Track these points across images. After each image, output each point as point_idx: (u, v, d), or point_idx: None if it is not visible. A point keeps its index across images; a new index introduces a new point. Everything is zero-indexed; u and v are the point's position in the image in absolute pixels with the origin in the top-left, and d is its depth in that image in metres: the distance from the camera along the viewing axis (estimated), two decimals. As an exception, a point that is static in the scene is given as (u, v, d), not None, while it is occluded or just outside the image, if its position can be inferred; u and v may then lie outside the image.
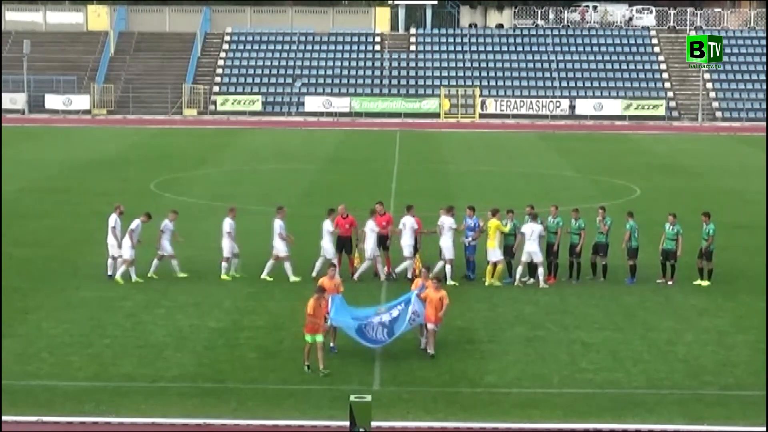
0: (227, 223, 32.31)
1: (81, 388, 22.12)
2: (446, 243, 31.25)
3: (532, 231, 31.11)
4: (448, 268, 31.10)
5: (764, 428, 20.31)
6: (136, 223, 32.02)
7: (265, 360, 24.06)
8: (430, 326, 24.18)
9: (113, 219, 32.17)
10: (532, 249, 31.02)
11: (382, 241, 31.75)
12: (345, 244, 31.94)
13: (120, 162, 60.14)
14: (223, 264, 31.97)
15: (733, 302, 29.76)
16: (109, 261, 31.89)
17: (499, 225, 31.26)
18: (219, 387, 22.34)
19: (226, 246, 32.10)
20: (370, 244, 31.40)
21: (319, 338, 22.95)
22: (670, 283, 31.48)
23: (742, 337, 26.47)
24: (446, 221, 31.37)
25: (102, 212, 43.01)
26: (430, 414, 20.83)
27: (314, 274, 31.29)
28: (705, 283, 31.45)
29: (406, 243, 31.32)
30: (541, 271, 31.12)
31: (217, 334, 26.07)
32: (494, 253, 31.19)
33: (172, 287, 30.62)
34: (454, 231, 31.43)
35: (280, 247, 31.77)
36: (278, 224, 31.94)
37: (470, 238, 31.61)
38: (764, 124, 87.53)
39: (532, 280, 31.44)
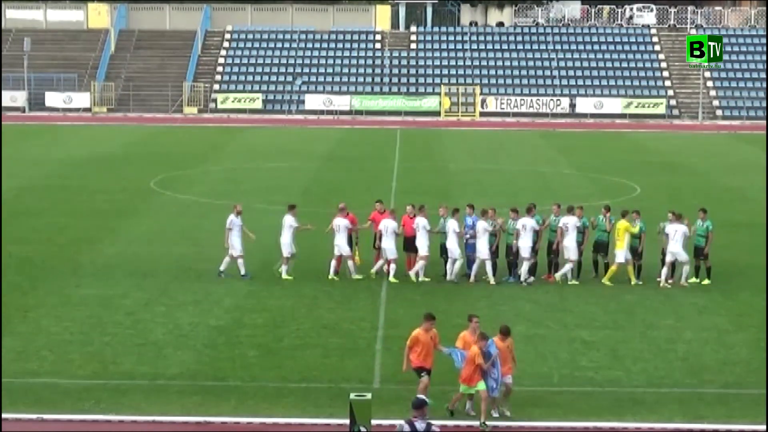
0: (288, 219, 31.79)
1: (81, 386, 22.11)
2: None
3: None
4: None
5: (765, 427, 20.30)
6: (231, 218, 31.71)
7: (265, 358, 24.06)
8: (507, 380, 21.05)
9: (231, 220, 31.83)
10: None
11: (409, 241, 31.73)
12: (410, 243, 31.74)
13: (120, 160, 60.13)
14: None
15: (733, 300, 29.76)
16: (226, 259, 31.63)
17: (628, 226, 31.29)
18: (219, 385, 22.34)
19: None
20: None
21: (481, 386, 20.24)
22: (706, 281, 31.43)
23: (742, 335, 26.47)
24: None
25: (102, 210, 43.24)
26: (430, 412, 20.78)
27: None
28: (705, 281, 31.44)
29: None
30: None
31: (217, 332, 26.07)
32: (621, 254, 31.20)
33: (172, 285, 30.62)
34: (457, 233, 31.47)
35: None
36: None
37: (469, 236, 31.58)
38: (764, 122, 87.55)
39: (532, 279, 31.43)
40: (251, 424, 20.33)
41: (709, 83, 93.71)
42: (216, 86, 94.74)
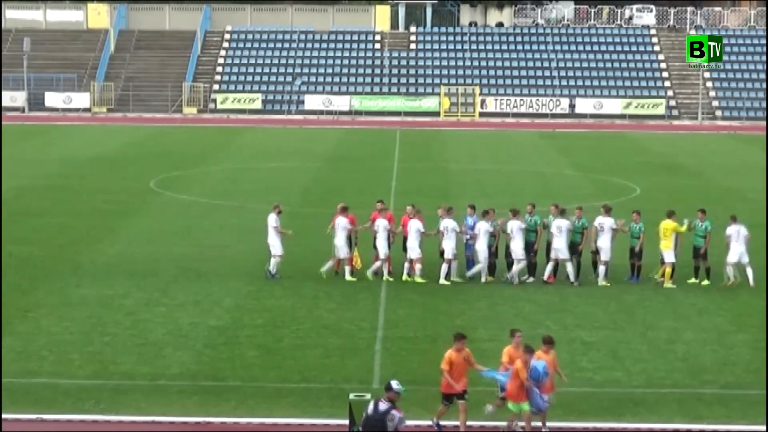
0: (342, 221, 31.56)
1: (81, 386, 22.12)
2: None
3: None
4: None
5: (764, 428, 20.31)
6: (273, 217, 31.68)
7: (265, 358, 24.07)
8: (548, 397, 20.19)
9: (273, 218, 31.77)
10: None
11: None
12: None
13: (120, 160, 60.14)
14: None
15: (732, 301, 29.76)
16: (273, 260, 31.56)
17: (676, 226, 31.33)
18: (219, 385, 22.35)
19: (341, 245, 31.37)
20: (341, 243, 31.29)
21: (525, 407, 19.52)
22: (705, 282, 31.47)
23: (742, 336, 26.48)
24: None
25: (102, 210, 43.25)
26: (429, 412, 20.81)
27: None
28: (705, 282, 31.45)
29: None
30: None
31: (217, 333, 26.07)
32: (670, 253, 31.25)
33: (172, 285, 30.62)
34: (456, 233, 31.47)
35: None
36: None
37: (469, 236, 31.57)
38: (764, 123, 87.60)
39: (531, 279, 31.44)
40: (251, 424, 20.34)
41: (709, 84, 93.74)
42: (216, 86, 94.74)
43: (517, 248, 31.17)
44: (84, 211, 43.25)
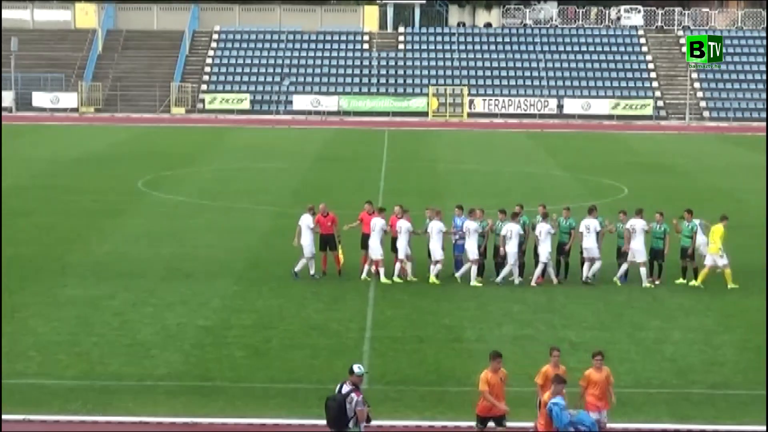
0: (405, 224, 31.25)
1: (68, 386, 22.07)
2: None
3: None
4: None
5: (762, 428, 20.34)
6: (308, 218, 31.54)
7: (253, 359, 24.05)
8: (602, 418, 18.87)
9: (308, 219, 31.59)
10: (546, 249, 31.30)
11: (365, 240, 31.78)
12: (328, 241, 31.87)
13: (108, 160, 60.03)
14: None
15: (720, 301, 29.82)
16: (302, 261, 31.43)
17: (724, 233, 31.24)
18: (207, 385, 22.31)
19: (402, 246, 31.09)
20: (401, 244, 31.12)
21: None
22: (693, 282, 31.46)
23: (729, 336, 26.53)
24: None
25: (90, 210, 43.16)
26: (418, 413, 20.83)
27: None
28: (693, 282, 31.47)
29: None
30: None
31: (205, 333, 26.04)
32: (713, 257, 31.23)
33: (160, 285, 30.57)
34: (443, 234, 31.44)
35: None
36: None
37: (458, 237, 31.58)
38: (753, 123, 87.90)
39: (519, 280, 31.44)
40: (239, 424, 20.31)
41: (696, 84, 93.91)
42: (204, 86, 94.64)
43: (544, 250, 31.13)
44: (72, 211, 43.16)
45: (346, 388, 17.36)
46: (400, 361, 23.93)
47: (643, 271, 31.23)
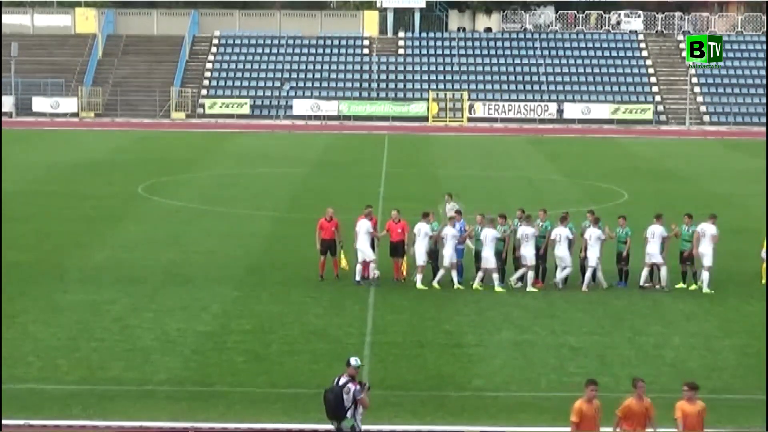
0: (424, 228, 31.17)
1: (68, 391, 22.07)
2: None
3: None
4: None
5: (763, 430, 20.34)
6: (366, 222, 31.39)
7: (253, 364, 24.04)
8: None
9: (366, 224, 31.40)
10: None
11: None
12: (330, 246, 31.86)
13: (107, 165, 60.04)
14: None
15: (720, 306, 29.81)
16: (358, 267, 31.28)
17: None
18: (207, 391, 22.31)
19: (420, 252, 31.02)
20: (420, 249, 31.04)
21: None
22: (693, 287, 31.44)
23: (729, 341, 26.53)
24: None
25: (90, 215, 43.15)
26: (417, 418, 20.83)
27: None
28: (692, 287, 31.47)
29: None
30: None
31: (205, 338, 26.04)
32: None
33: (159, 291, 30.56)
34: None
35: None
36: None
37: (457, 242, 31.56)
38: (753, 128, 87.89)
39: (520, 284, 31.42)
40: (239, 429, 20.31)
41: (696, 89, 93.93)
42: (204, 91, 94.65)
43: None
44: (71, 216, 43.16)
45: (342, 380, 17.68)
46: (400, 366, 23.94)
47: (705, 275, 31.10)
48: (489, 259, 30.87)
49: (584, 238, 31.36)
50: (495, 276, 30.87)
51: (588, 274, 31.27)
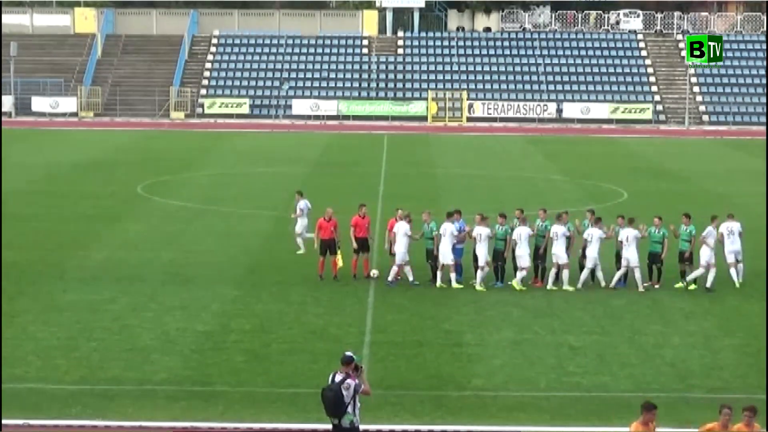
0: (449, 227, 31.17)
1: (68, 391, 22.07)
2: (445, 248, 31.21)
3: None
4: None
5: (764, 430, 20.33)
6: (405, 225, 31.26)
7: (253, 363, 24.04)
8: None
9: (405, 227, 31.26)
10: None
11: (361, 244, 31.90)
12: (329, 246, 31.85)
13: (107, 165, 60.03)
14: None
15: (720, 306, 29.82)
16: (394, 269, 31.23)
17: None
18: (206, 390, 22.31)
19: (446, 252, 30.98)
20: (400, 249, 31.15)
21: None
22: (693, 287, 31.45)
23: (729, 340, 26.53)
24: (448, 227, 31.34)
25: (89, 215, 43.15)
26: (417, 417, 20.83)
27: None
28: (692, 286, 31.47)
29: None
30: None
31: (205, 338, 26.04)
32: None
33: (159, 290, 30.57)
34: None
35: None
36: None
37: (456, 241, 31.56)
38: (752, 127, 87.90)
39: (500, 284, 31.44)
40: (238, 429, 20.30)
41: (696, 89, 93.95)
42: (203, 91, 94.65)
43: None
44: (71, 216, 43.16)
45: (339, 377, 17.58)
46: (399, 366, 23.94)
47: (585, 273, 31.23)
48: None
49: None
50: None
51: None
